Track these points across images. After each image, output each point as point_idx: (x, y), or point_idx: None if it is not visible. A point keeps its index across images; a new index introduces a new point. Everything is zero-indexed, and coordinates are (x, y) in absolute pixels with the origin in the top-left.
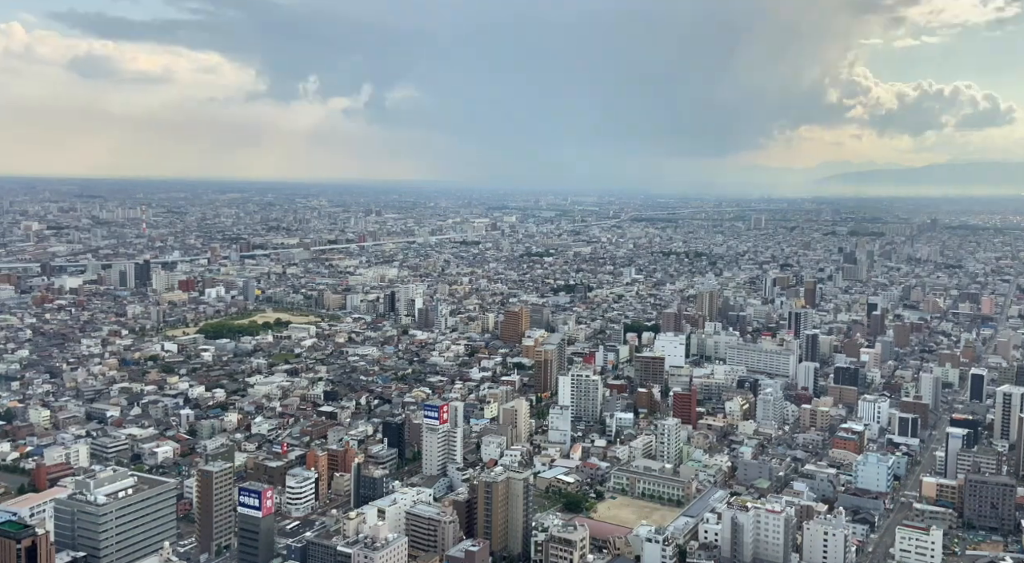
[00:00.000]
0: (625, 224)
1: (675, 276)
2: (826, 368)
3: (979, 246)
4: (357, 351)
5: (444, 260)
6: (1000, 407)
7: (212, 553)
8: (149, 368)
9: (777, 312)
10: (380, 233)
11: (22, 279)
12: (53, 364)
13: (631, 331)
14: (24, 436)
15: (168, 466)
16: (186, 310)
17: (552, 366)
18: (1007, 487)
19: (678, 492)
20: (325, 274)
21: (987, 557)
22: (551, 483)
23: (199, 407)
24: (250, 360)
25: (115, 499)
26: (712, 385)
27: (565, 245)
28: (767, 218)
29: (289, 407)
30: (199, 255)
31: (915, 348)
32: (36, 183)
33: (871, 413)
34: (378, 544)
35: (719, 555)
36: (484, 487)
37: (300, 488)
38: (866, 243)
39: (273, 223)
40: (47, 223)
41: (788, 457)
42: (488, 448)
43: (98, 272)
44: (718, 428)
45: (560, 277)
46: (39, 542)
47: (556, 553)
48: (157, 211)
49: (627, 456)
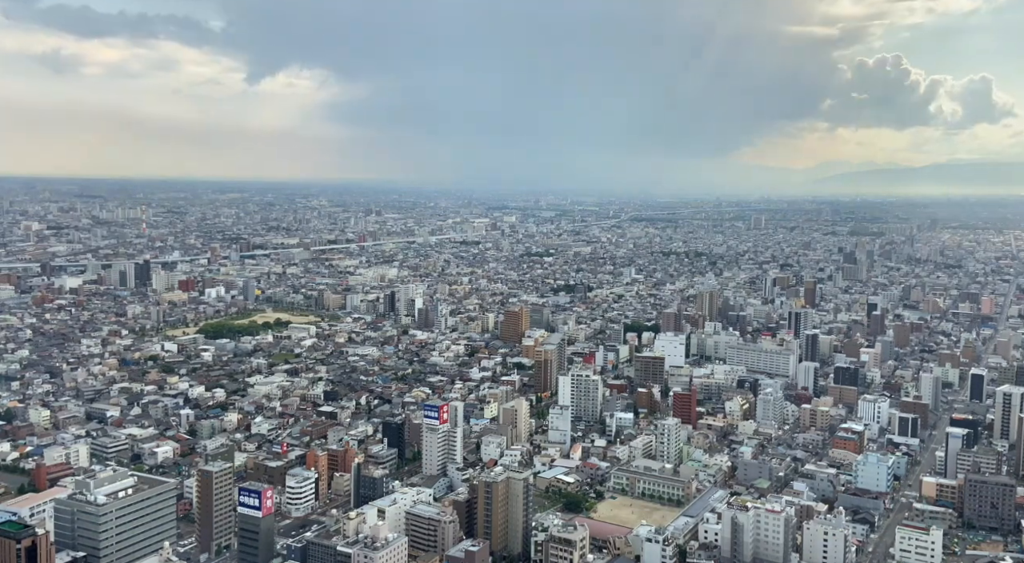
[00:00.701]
0: (625, 224)
1: (675, 276)
2: (826, 368)
3: (979, 246)
4: (357, 351)
5: (444, 260)
6: (1000, 407)
7: (212, 553)
8: (149, 368)
9: (777, 312)
10: (380, 233)
11: (22, 279)
12: (53, 364)
13: (631, 331)
14: (24, 436)
15: (168, 466)
16: (186, 310)
17: (552, 366)
18: (1007, 487)
19: (678, 492)
20: (325, 274)
21: (987, 557)
22: (551, 483)
23: (199, 407)
24: (250, 360)
25: (115, 499)
26: (712, 385)
27: (565, 245)
28: (767, 218)
29: (289, 407)
30: (199, 255)
31: (915, 348)
32: (36, 183)
33: (871, 413)
34: (378, 544)
35: (719, 555)
36: (484, 487)
37: (300, 488)
38: (866, 243)
39: (273, 223)
40: (47, 223)
41: (788, 457)
42: (488, 448)
43: (98, 272)
44: (718, 428)
45: (560, 277)
46: (39, 542)
47: (556, 553)
48: (157, 211)
49: (627, 456)
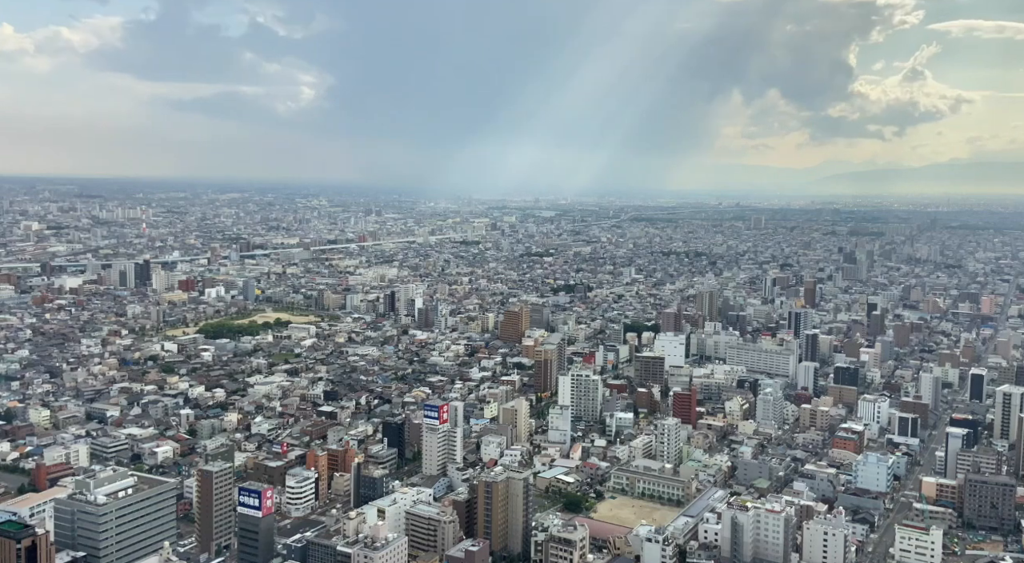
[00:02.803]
0: (625, 224)
1: (675, 276)
2: (826, 368)
3: (979, 246)
4: (357, 351)
5: (444, 260)
6: (1000, 407)
7: (212, 553)
8: (149, 368)
9: (777, 312)
10: (380, 233)
11: (22, 279)
12: (53, 364)
13: (631, 331)
14: (24, 436)
15: (168, 466)
16: (186, 310)
17: (552, 366)
18: (1007, 487)
19: (678, 492)
20: (325, 274)
21: (987, 557)
22: (551, 483)
23: (199, 407)
24: (250, 360)
25: (115, 499)
26: (712, 385)
27: (565, 245)
28: (767, 218)
29: (289, 407)
30: (199, 255)
31: (915, 348)
32: (36, 183)
33: (871, 413)
34: (378, 544)
35: (719, 555)
36: (484, 487)
37: (300, 488)
38: (866, 243)
39: (273, 223)
40: (47, 223)
41: (788, 457)
42: (488, 448)
43: (98, 272)
44: (718, 428)
45: (560, 277)
46: (39, 542)
47: (556, 553)
48: (157, 211)
49: (627, 456)
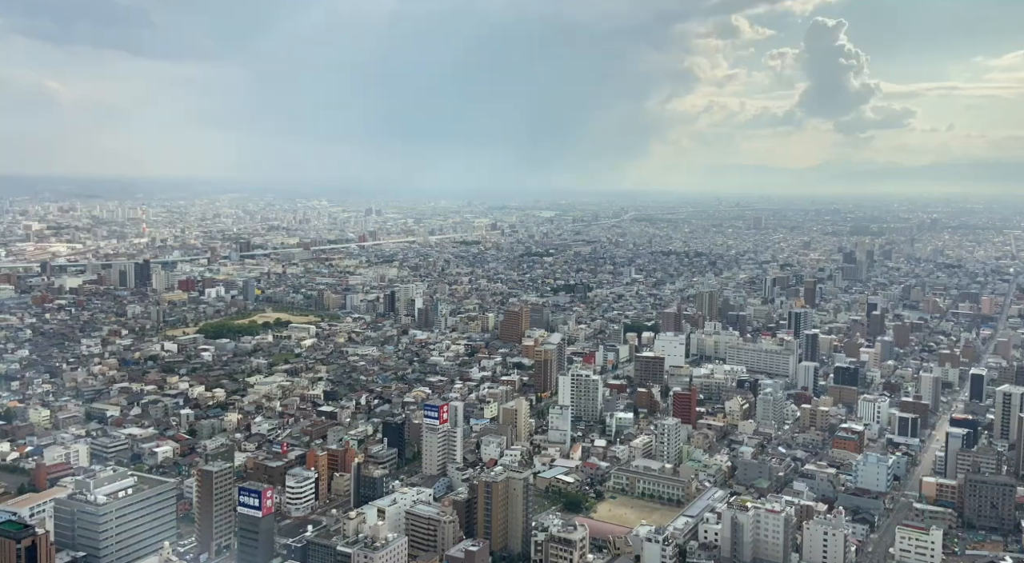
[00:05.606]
0: (625, 224)
1: (675, 276)
2: (826, 368)
3: (979, 246)
4: (357, 351)
5: (444, 260)
6: (1000, 407)
7: (212, 553)
8: (149, 368)
9: (777, 312)
10: (380, 233)
11: (22, 279)
12: (53, 364)
13: (631, 331)
14: (24, 436)
15: (168, 466)
16: (186, 310)
17: (552, 366)
18: (1007, 487)
19: (678, 492)
20: (325, 274)
21: (987, 557)
22: (551, 483)
23: (199, 407)
24: (250, 360)
25: (115, 499)
26: (712, 385)
27: (565, 245)
28: (767, 218)
29: (289, 407)
30: (199, 255)
31: (915, 348)
32: (36, 183)
33: (871, 413)
34: (378, 544)
35: (719, 555)
36: (484, 487)
37: (300, 488)
38: (866, 243)
39: (273, 223)
40: (47, 223)
41: (788, 457)
42: (488, 448)
43: (98, 272)
44: (718, 428)
45: (560, 277)
46: (39, 542)
47: (556, 553)
48: (157, 211)
49: (627, 456)
